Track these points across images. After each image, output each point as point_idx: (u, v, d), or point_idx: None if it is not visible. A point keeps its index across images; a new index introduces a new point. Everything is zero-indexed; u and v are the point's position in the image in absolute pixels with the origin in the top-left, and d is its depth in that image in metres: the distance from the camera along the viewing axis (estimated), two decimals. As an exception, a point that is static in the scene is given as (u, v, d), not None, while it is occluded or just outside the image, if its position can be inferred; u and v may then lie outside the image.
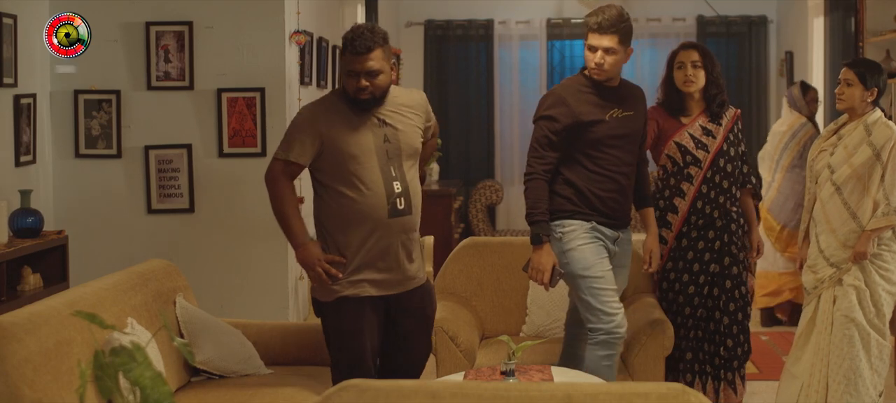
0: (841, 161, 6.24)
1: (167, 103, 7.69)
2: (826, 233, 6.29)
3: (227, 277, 7.79)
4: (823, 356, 6.28)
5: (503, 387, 2.89)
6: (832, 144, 6.36)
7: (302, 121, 5.57)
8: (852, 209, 6.20)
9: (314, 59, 8.57)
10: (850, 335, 6.22)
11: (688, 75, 6.63)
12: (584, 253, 5.88)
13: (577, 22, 13.60)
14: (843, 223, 6.24)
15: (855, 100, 6.28)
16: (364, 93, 5.46)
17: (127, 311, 5.27)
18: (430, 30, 13.62)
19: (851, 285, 6.23)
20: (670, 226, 6.70)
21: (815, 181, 6.43)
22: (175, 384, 5.55)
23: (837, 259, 6.26)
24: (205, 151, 7.72)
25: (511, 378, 5.23)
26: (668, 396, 2.83)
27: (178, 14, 7.61)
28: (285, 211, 5.61)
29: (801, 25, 12.28)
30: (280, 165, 5.56)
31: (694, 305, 6.67)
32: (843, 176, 6.22)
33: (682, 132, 6.65)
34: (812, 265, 6.41)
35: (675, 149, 6.63)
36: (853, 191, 6.21)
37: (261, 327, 6.29)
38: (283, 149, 5.54)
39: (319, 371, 5.99)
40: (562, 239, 5.92)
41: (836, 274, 6.27)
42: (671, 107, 6.73)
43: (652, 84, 13.40)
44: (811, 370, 6.31)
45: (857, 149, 6.21)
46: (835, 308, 6.26)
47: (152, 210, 7.73)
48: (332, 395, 2.89)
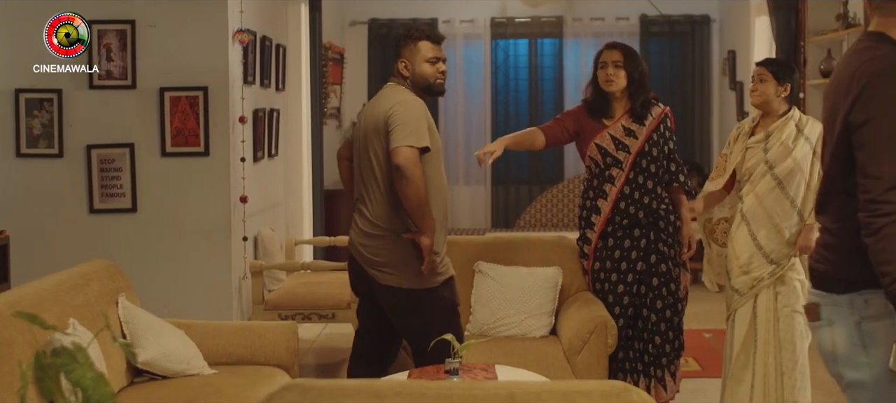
0: (781, 155, 6.23)
1: (109, 102, 7.64)
2: (767, 229, 6.27)
3: (170, 277, 7.75)
4: (774, 352, 6.28)
5: (447, 386, 2.89)
6: (761, 141, 6.37)
7: (419, 110, 5.80)
8: (795, 202, 6.22)
9: (258, 58, 8.54)
10: (800, 328, 6.25)
11: (609, 75, 6.65)
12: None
13: (520, 21, 13.66)
14: (786, 217, 6.24)
15: (768, 94, 6.30)
16: (444, 78, 6.02)
17: (69, 312, 5.23)
18: (375, 29, 13.61)
19: (798, 280, 6.25)
20: (594, 227, 6.75)
21: (747, 179, 6.41)
22: (117, 384, 5.52)
23: (779, 255, 6.26)
24: (147, 150, 7.67)
25: (455, 376, 5.24)
26: (611, 394, 2.84)
27: (121, 12, 7.57)
28: (426, 197, 5.75)
29: (743, 25, 12.37)
30: (415, 152, 5.70)
31: (624, 304, 6.71)
32: (787, 169, 6.22)
33: (602, 133, 6.67)
34: (745, 265, 6.36)
35: (595, 150, 6.66)
36: (800, 185, 6.23)
37: (204, 327, 6.27)
38: (416, 137, 5.70)
39: (263, 371, 5.98)
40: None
41: (776, 270, 6.28)
42: (594, 108, 6.76)
43: (594, 83, 13.54)
44: (763, 369, 6.31)
45: (796, 143, 6.23)
46: (780, 303, 6.26)
47: (94, 209, 7.68)
48: (275, 395, 2.88)
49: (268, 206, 9.03)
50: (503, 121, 13.79)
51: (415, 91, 5.95)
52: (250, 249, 8.22)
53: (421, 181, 5.66)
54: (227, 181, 7.73)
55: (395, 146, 5.66)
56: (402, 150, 5.64)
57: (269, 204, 9.11)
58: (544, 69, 13.82)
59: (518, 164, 13.90)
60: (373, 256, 5.93)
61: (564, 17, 13.60)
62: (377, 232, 5.91)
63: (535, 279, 6.94)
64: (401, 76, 5.98)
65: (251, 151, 8.24)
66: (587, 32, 13.62)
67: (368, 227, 5.95)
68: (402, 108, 5.75)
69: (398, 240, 5.84)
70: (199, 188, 7.72)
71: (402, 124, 5.68)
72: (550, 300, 6.89)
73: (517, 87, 13.86)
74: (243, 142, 7.95)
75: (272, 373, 5.98)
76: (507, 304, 6.83)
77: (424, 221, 5.73)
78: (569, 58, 13.66)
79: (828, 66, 9.57)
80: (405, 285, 5.90)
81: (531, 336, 6.79)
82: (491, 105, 13.73)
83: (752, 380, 6.35)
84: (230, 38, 7.74)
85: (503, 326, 6.79)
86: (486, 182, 13.91)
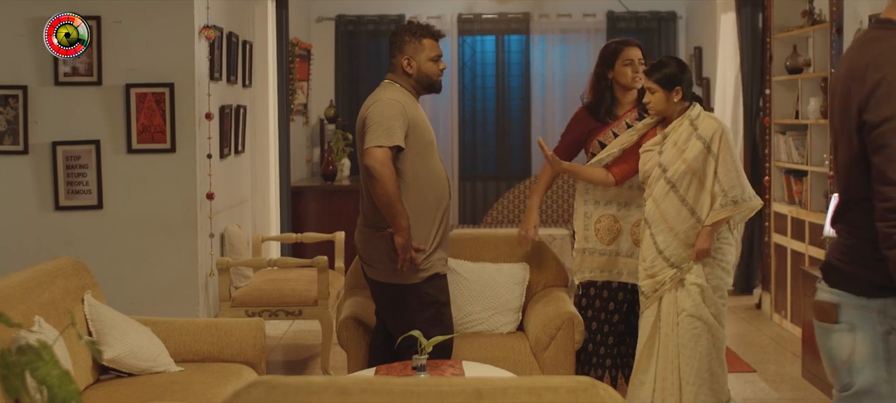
0: (673, 158, 6.18)
1: (75, 99, 7.60)
2: (664, 233, 6.20)
3: (136, 274, 7.73)
4: (673, 357, 6.22)
5: (413, 382, 2.89)
6: (658, 143, 6.32)
7: (393, 109, 5.83)
8: (690, 205, 6.15)
9: (224, 55, 8.51)
10: (698, 333, 6.18)
11: (638, 71, 6.63)
12: None
13: (487, 17, 13.65)
14: (682, 220, 6.18)
15: (661, 104, 6.25)
16: (441, 77, 6.14)
17: (34, 309, 5.21)
18: (341, 25, 13.59)
19: (694, 283, 6.19)
20: None
21: (646, 183, 6.37)
22: (83, 382, 5.50)
23: (679, 258, 6.20)
24: (113, 147, 7.64)
25: (422, 373, 5.24)
26: (578, 390, 2.84)
27: (87, 8, 7.52)
28: (396, 196, 5.78)
29: (709, 21, 12.42)
30: (386, 152, 5.75)
31: (618, 299, 6.73)
32: (678, 172, 6.15)
33: (606, 131, 6.66)
34: (649, 268, 6.30)
35: (597, 147, 6.66)
36: (690, 187, 6.15)
37: (171, 324, 6.26)
38: (387, 137, 5.75)
39: (230, 368, 5.97)
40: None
41: (677, 274, 6.21)
42: (600, 108, 6.72)
43: (562, 79, 13.57)
44: (663, 373, 6.27)
45: (687, 144, 6.16)
46: (679, 308, 6.21)
47: (60, 207, 7.64)
48: (242, 392, 2.88)
49: (234, 203, 9.01)
50: (470, 117, 13.79)
51: (416, 88, 6.07)
52: (217, 246, 8.20)
53: (390, 180, 5.70)
54: (193, 178, 7.70)
55: (366, 147, 5.77)
56: (371, 151, 5.72)
57: (236, 201, 9.09)
58: (511, 65, 13.82)
59: (485, 161, 13.91)
60: (362, 251, 6.10)
61: (531, 14, 13.60)
62: (365, 227, 6.04)
63: (502, 275, 6.95)
64: (403, 73, 6.05)
65: (218, 148, 8.22)
66: (554, 29, 13.63)
67: (361, 222, 6.11)
68: (376, 109, 5.82)
69: (382, 236, 5.90)
70: (166, 185, 7.69)
71: (374, 125, 5.76)
72: (518, 296, 6.90)
73: (484, 84, 13.86)
74: (210, 139, 7.93)
75: (239, 370, 5.97)
76: (475, 300, 6.84)
77: (395, 220, 5.78)
78: (536, 54, 13.67)
79: (794, 63, 9.62)
80: (387, 280, 5.98)
81: (498, 333, 6.79)
82: (458, 102, 13.72)
83: (654, 384, 6.32)
84: (196, 34, 7.71)
85: (470, 322, 6.80)
86: (453, 178, 13.91)
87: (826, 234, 7.72)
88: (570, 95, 13.19)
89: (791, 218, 9.44)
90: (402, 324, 5.87)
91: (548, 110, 13.68)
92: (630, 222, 6.67)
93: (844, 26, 8.25)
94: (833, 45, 8.55)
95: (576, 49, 13.73)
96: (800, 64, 9.58)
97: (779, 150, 9.92)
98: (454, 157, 13.63)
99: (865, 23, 7.74)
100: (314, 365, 8.54)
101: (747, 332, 9.42)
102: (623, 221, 6.69)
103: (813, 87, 9.32)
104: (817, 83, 9.23)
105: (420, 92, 6.10)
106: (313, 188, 11.89)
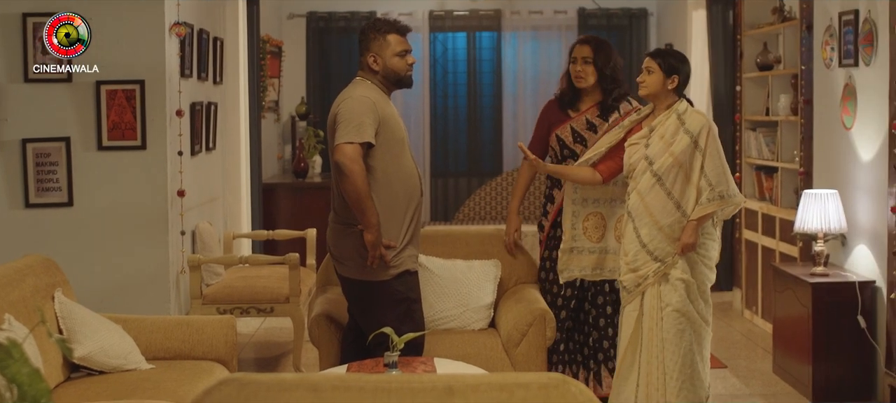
0: (660, 151, 6.20)
1: (45, 96, 7.56)
2: (649, 227, 6.22)
3: (106, 272, 7.70)
4: (657, 352, 6.24)
5: (385, 379, 2.89)
6: (644, 137, 6.34)
7: (363, 106, 5.84)
8: (676, 199, 6.16)
9: (195, 51, 8.49)
10: (682, 328, 6.21)
11: (577, 71, 6.71)
12: None
13: (459, 14, 13.65)
14: (667, 214, 6.19)
15: (656, 86, 6.27)
16: (412, 70, 6.13)
17: (4, 307, 5.19)
18: (313, 22, 13.56)
19: (679, 278, 6.21)
20: (548, 216, 6.86)
21: (631, 176, 6.38)
22: (54, 380, 5.48)
23: (663, 252, 6.22)
24: (83, 144, 7.61)
25: (394, 370, 5.25)
26: (549, 386, 2.85)
27: (56, 5, 7.48)
28: (365, 193, 5.78)
29: (680, 18, 12.44)
30: (355, 148, 5.75)
31: (566, 295, 6.77)
32: (665, 165, 6.18)
33: (565, 125, 6.73)
34: (631, 262, 6.32)
35: (555, 140, 6.73)
36: (676, 180, 6.17)
37: (142, 321, 6.24)
38: (357, 133, 5.76)
39: (201, 366, 5.96)
40: None
41: (661, 268, 6.23)
42: (564, 100, 6.81)
43: (534, 76, 13.59)
44: (647, 368, 6.29)
45: (675, 137, 6.17)
46: (663, 302, 6.23)
47: (30, 204, 7.60)
48: (213, 389, 2.87)
49: (206, 200, 8.99)
50: (442, 114, 13.78)
51: (384, 84, 6.06)
52: (188, 243, 8.18)
53: (359, 177, 5.71)
54: (164, 175, 7.68)
55: (336, 143, 5.77)
56: (341, 147, 5.73)
57: (207, 198, 9.07)
58: (483, 62, 13.82)
59: (457, 157, 13.90)
60: (333, 247, 6.11)
61: (503, 11, 13.60)
62: (336, 223, 6.06)
63: (473, 272, 6.96)
64: (370, 70, 6.04)
65: (189, 145, 8.19)
66: (525, 26, 13.64)
67: (332, 219, 6.11)
68: (346, 106, 5.84)
69: (351, 232, 5.91)
70: (136, 182, 7.67)
71: (344, 122, 5.77)
72: (489, 293, 6.91)
73: (456, 81, 13.85)
74: (181, 136, 7.91)
75: (210, 368, 5.97)
76: (446, 297, 6.85)
77: (365, 217, 5.78)
78: (507, 51, 13.66)
79: (764, 60, 9.65)
80: (357, 276, 5.99)
81: (470, 329, 6.80)
82: (429, 98, 13.69)
83: (638, 379, 6.33)
84: (167, 30, 7.68)
85: (442, 319, 6.81)
86: (424, 175, 13.90)
87: (796, 230, 7.73)
88: (541, 92, 13.20)
89: (762, 214, 9.48)
90: (373, 321, 5.87)
91: (519, 107, 13.68)
92: (614, 219, 6.71)
93: (814, 23, 8.28)
94: (803, 42, 8.59)
95: (547, 46, 13.73)
96: (770, 61, 9.62)
97: (749, 147, 9.96)
98: (426, 154, 13.62)
99: (835, 20, 7.77)
100: (286, 363, 8.54)
101: (718, 328, 9.45)
102: (609, 218, 6.73)
103: (783, 84, 9.36)
104: (788, 80, 9.27)
105: (390, 88, 6.11)
106: (285, 185, 11.88)
